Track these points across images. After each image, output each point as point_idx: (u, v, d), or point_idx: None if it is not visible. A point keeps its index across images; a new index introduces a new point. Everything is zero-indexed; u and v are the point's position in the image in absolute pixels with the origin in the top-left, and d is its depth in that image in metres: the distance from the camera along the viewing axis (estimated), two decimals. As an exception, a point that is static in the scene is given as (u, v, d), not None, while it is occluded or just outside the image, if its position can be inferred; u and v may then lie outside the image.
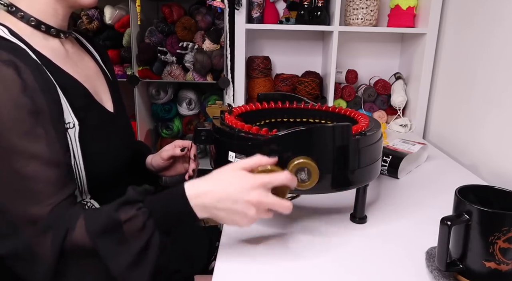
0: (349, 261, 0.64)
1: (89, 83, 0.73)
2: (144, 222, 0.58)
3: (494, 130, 1.05)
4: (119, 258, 0.57)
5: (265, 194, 0.59)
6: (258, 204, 0.58)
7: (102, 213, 0.60)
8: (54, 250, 0.56)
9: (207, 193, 0.59)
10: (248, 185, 0.58)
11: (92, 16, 1.58)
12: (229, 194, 0.58)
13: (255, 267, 0.62)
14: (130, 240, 0.57)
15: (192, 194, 0.59)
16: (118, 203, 0.59)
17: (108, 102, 0.79)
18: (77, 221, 0.58)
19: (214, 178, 0.61)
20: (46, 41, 0.69)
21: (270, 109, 0.90)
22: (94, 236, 0.57)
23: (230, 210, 0.59)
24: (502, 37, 1.04)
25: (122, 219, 0.57)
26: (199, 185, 0.60)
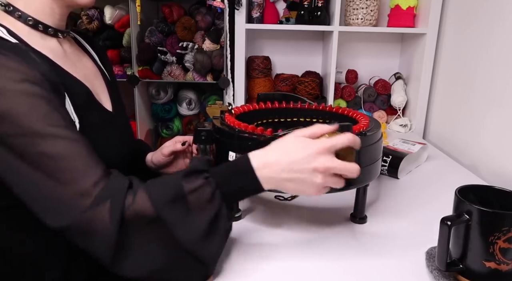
0: (349, 261, 0.64)
1: (88, 83, 0.73)
2: (212, 193, 0.57)
3: (494, 130, 1.05)
4: (190, 228, 0.55)
5: (331, 159, 0.57)
6: (325, 170, 0.57)
7: (167, 182, 0.58)
8: (115, 220, 0.54)
9: (273, 164, 0.58)
10: (312, 151, 0.57)
11: (92, 16, 1.58)
12: (295, 163, 0.57)
13: (255, 267, 0.62)
14: (198, 210, 0.56)
15: (259, 166, 0.58)
16: (184, 172, 0.58)
17: (107, 102, 0.79)
18: (138, 189, 0.57)
19: (278, 147, 0.60)
20: (44, 40, 0.69)
21: (270, 109, 0.90)
22: (161, 205, 0.55)
23: (297, 180, 0.58)
24: (502, 37, 1.04)
25: (189, 189, 0.56)
26: (265, 155, 0.59)
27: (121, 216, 0.54)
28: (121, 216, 0.54)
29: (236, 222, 0.75)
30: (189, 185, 0.56)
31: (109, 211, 0.54)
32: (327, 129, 0.60)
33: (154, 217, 0.55)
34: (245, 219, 0.77)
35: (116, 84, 0.86)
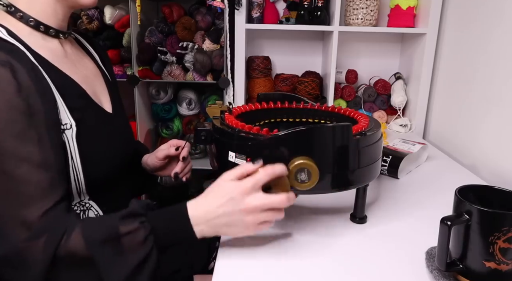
0: (349, 261, 0.64)
1: (87, 84, 0.73)
2: (145, 236, 0.58)
3: (494, 130, 1.05)
4: (116, 270, 0.56)
5: (255, 197, 0.59)
6: (252, 209, 0.59)
7: (103, 222, 0.59)
8: (46, 256, 0.55)
9: (205, 212, 0.60)
10: (236, 194, 0.59)
11: (92, 16, 1.58)
12: (222, 209, 0.59)
13: (255, 267, 0.62)
14: (129, 253, 0.57)
15: (193, 214, 0.60)
16: (121, 214, 0.59)
17: (107, 103, 0.79)
18: (74, 228, 0.57)
19: (209, 194, 0.62)
20: (45, 41, 0.68)
21: (270, 109, 0.90)
22: (93, 245, 0.56)
23: (230, 223, 0.60)
24: (502, 37, 1.04)
25: (123, 231, 0.57)
26: (199, 204, 0.61)
27: (54, 253, 0.56)
28: (54, 252, 0.56)
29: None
30: (124, 227, 0.58)
31: (43, 246, 0.56)
32: (251, 168, 0.61)
33: (85, 256, 0.56)
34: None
35: (116, 85, 0.86)
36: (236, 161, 0.66)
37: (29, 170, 0.57)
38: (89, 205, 0.71)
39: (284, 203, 0.60)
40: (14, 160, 0.56)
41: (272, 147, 0.64)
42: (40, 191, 0.58)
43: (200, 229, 0.60)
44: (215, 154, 0.74)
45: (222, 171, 0.72)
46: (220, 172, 0.74)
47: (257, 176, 0.60)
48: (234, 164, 0.67)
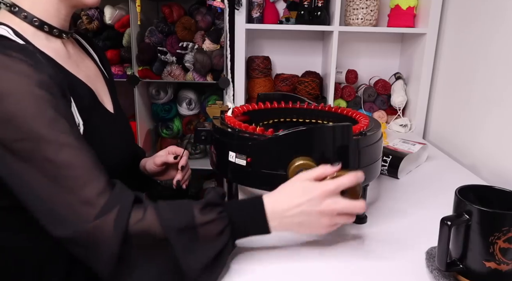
0: (349, 261, 0.64)
1: (91, 84, 0.73)
2: (223, 228, 0.58)
3: (494, 130, 1.05)
4: (195, 258, 0.55)
5: (335, 201, 0.60)
6: (330, 212, 0.60)
7: (180, 209, 0.58)
8: (118, 232, 0.53)
9: (282, 210, 0.60)
10: (316, 196, 0.59)
11: (92, 16, 1.58)
12: (301, 207, 0.59)
13: (255, 267, 0.62)
14: (206, 243, 0.56)
15: (269, 210, 0.60)
16: (200, 203, 0.58)
17: (109, 103, 0.79)
18: (147, 207, 0.56)
19: (286, 192, 0.62)
20: (48, 41, 0.68)
21: (270, 109, 0.90)
22: (171, 229, 0.55)
23: (305, 222, 0.60)
24: (502, 37, 1.04)
25: (201, 221, 0.57)
26: (277, 201, 0.61)
27: (126, 230, 0.54)
28: (126, 229, 0.54)
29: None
30: (203, 217, 0.57)
31: (114, 223, 0.54)
32: (330, 171, 0.61)
33: (162, 239, 0.55)
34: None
35: (114, 85, 0.86)
36: (236, 161, 0.67)
37: (70, 153, 0.55)
38: None
39: (360, 210, 0.61)
40: (55, 147, 0.55)
41: (272, 147, 0.64)
42: (89, 171, 0.56)
43: (275, 224, 0.60)
44: (215, 154, 0.74)
45: (222, 171, 0.72)
46: (220, 172, 0.74)
47: (340, 180, 0.60)
48: (234, 164, 0.67)
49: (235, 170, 0.68)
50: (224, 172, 0.72)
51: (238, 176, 0.69)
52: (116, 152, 0.76)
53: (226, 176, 0.72)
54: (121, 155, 0.78)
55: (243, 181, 0.71)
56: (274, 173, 0.63)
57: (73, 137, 0.57)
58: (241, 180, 0.71)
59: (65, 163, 0.55)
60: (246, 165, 0.66)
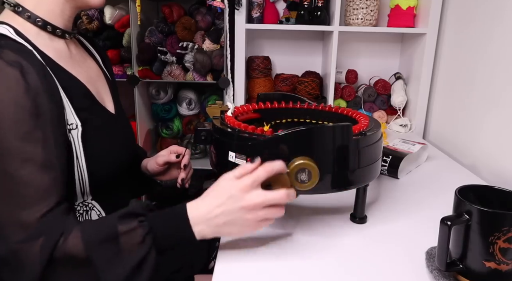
0: (349, 261, 0.64)
1: (91, 85, 0.73)
2: (144, 236, 0.57)
3: (494, 130, 1.05)
4: (115, 270, 0.56)
5: (254, 195, 0.58)
6: (253, 207, 0.58)
7: (102, 223, 0.59)
8: (43, 257, 0.55)
9: (205, 212, 0.59)
10: (235, 192, 0.58)
11: (92, 16, 1.58)
12: (222, 208, 0.59)
13: (255, 267, 0.62)
14: (127, 253, 0.56)
15: (193, 214, 0.59)
16: (120, 214, 0.59)
17: (110, 103, 0.79)
18: (72, 229, 0.57)
19: (209, 195, 0.61)
20: (51, 41, 0.68)
21: (270, 109, 0.90)
22: (91, 245, 0.56)
23: (230, 222, 0.59)
24: (502, 37, 1.04)
25: (122, 230, 0.57)
26: (199, 206, 0.60)
27: (50, 255, 0.55)
28: (51, 254, 0.55)
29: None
30: (123, 226, 0.57)
31: (40, 248, 0.55)
32: (250, 167, 0.60)
33: (83, 258, 0.56)
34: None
35: (116, 85, 0.86)
36: (236, 161, 0.67)
37: (31, 171, 0.57)
38: (92, 205, 0.71)
39: (284, 199, 0.59)
40: (18, 161, 0.56)
41: (272, 147, 0.64)
42: (40, 193, 0.57)
43: (200, 229, 0.59)
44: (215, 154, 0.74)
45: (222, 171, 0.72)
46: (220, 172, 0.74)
47: (256, 173, 0.59)
48: (234, 164, 0.67)
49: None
50: (224, 172, 0.71)
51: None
52: (116, 153, 0.76)
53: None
54: (122, 155, 0.78)
55: (243, 181, 0.71)
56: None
57: (42, 153, 0.57)
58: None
59: (21, 180, 0.56)
60: (246, 165, 0.66)
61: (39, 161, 0.57)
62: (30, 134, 0.57)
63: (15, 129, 0.55)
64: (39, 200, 0.57)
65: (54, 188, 0.59)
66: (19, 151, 0.56)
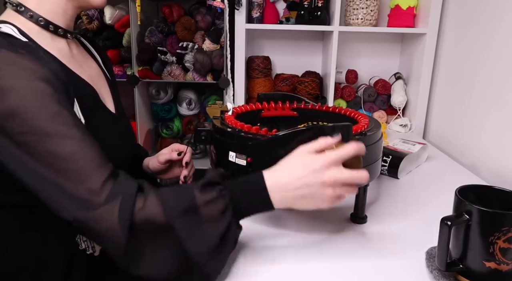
0: (349, 261, 0.64)
1: (93, 84, 0.74)
2: (226, 206, 0.57)
3: (494, 130, 1.05)
4: (198, 240, 0.55)
5: (337, 171, 0.58)
6: (333, 183, 0.58)
7: (181, 191, 0.58)
8: (122, 221, 0.54)
9: (283, 184, 0.59)
10: (318, 167, 0.58)
11: (92, 16, 1.58)
12: (303, 180, 0.58)
13: (255, 267, 0.62)
14: (209, 223, 0.56)
15: (271, 185, 0.59)
16: (199, 183, 0.58)
17: (110, 103, 0.79)
18: (149, 194, 0.56)
19: (286, 166, 0.60)
20: (53, 41, 0.69)
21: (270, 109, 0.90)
22: (173, 214, 0.55)
23: (308, 195, 0.59)
24: (502, 37, 1.04)
25: (202, 201, 0.56)
26: (276, 175, 0.60)
27: (130, 218, 0.54)
28: (130, 218, 0.54)
29: (236, 222, 0.75)
30: (203, 196, 0.56)
31: (118, 212, 0.54)
32: (330, 142, 0.60)
33: (165, 225, 0.55)
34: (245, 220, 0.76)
35: (116, 86, 0.86)
36: (236, 161, 0.67)
37: (72, 145, 0.56)
38: None
39: (363, 179, 0.59)
40: (58, 140, 0.55)
41: (272, 147, 0.64)
42: (92, 163, 0.57)
43: (278, 199, 0.59)
44: (215, 154, 0.74)
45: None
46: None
47: (341, 151, 0.59)
48: (234, 164, 0.67)
49: (235, 170, 0.68)
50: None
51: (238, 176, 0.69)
52: (117, 152, 0.76)
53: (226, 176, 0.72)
54: (122, 155, 0.78)
55: (243, 181, 0.70)
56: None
57: (75, 129, 0.57)
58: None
59: (68, 155, 0.55)
60: (246, 165, 0.66)
61: (76, 136, 0.57)
62: (59, 114, 0.56)
63: (43, 112, 0.55)
64: (94, 168, 0.56)
65: (103, 158, 0.59)
66: (54, 131, 0.55)
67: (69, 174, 0.55)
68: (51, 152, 0.55)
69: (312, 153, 0.60)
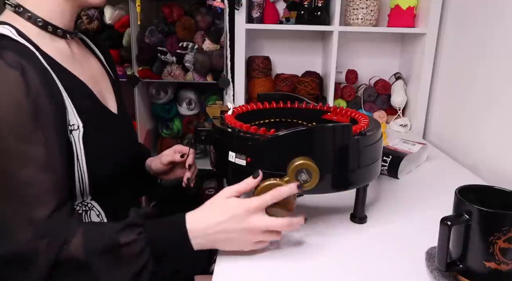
0: (349, 261, 0.64)
1: (94, 84, 0.73)
2: (143, 248, 0.58)
3: (494, 130, 1.05)
4: (114, 278, 0.57)
5: (257, 219, 0.60)
6: (252, 230, 0.60)
7: (103, 232, 0.60)
8: (49, 257, 0.56)
9: (205, 227, 0.60)
10: (238, 213, 0.59)
11: (92, 16, 1.58)
12: (222, 226, 0.60)
13: (255, 267, 0.62)
14: (126, 263, 0.57)
15: (192, 227, 0.60)
16: (120, 225, 0.59)
17: (112, 103, 0.79)
18: (75, 233, 0.58)
19: (210, 209, 0.62)
20: (53, 41, 0.68)
21: (270, 109, 0.90)
22: (91, 254, 0.57)
23: (230, 239, 0.61)
24: (502, 37, 1.04)
25: (122, 242, 0.57)
26: (197, 217, 0.61)
27: (56, 255, 0.56)
28: (56, 255, 0.56)
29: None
30: (123, 238, 0.58)
31: (46, 247, 0.56)
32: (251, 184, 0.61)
33: (84, 263, 0.56)
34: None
35: (119, 85, 0.86)
36: (236, 161, 0.67)
37: (34, 172, 0.57)
38: (91, 205, 0.71)
39: (285, 228, 0.61)
40: (19, 162, 0.56)
41: (272, 147, 0.64)
42: (45, 193, 0.58)
43: (198, 242, 0.60)
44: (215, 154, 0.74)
45: (222, 171, 0.72)
46: (220, 172, 0.74)
47: (263, 197, 0.60)
48: (234, 164, 0.67)
49: (235, 170, 0.68)
50: (224, 172, 0.72)
51: (238, 176, 0.69)
52: (118, 153, 0.76)
53: (226, 176, 0.72)
54: (123, 156, 0.78)
55: (243, 181, 0.71)
56: (274, 173, 0.63)
57: (43, 153, 0.58)
58: (241, 180, 0.70)
59: (24, 180, 0.56)
60: (246, 165, 0.66)
61: (41, 162, 0.58)
62: (31, 135, 0.57)
63: (15, 131, 0.56)
64: (44, 200, 0.58)
65: (57, 189, 0.60)
66: (20, 152, 0.56)
67: (19, 197, 0.56)
68: (10, 173, 0.56)
69: (234, 196, 0.61)
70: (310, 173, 0.61)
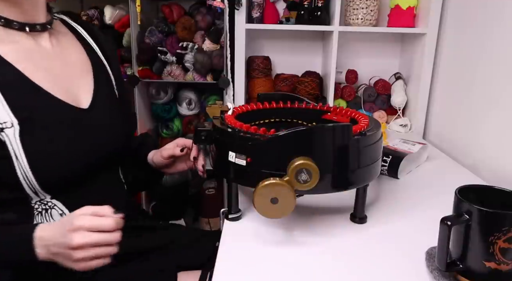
0: (349, 261, 0.64)
1: (57, 79, 0.70)
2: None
3: (494, 130, 1.05)
4: None
5: (82, 236, 0.59)
6: (77, 247, 0.59)
7: None
8: None
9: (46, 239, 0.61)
10: (66, 229, 0.60)
11: (92, 16, 1.58)
12: (55, 240, 0.61)
13: (255, 267, 0.62)
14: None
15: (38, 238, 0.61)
16: None
17: (84, 98, 0.75)
18: None
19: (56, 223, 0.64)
20: (7, 35, 0.66)
21: (270, 109, 0.90)
22: None
23: (60, 255, 0.61)
24: (502, 37, 1.04)
25: None
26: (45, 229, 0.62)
27: None
28: None
29: (236, 221, 0.75)
30: None
31: None
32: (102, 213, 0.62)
33: None
34: (244, 219, 0.77)
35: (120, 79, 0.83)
36: (236, 161, 0.67)
37: None
38: (52, 204, 0.70)
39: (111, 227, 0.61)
40: None
41: (272, 147, 0.64)
42: None
43: (42, 252, 0.61)
44: (215, 154, 0.74)
45: (222, 171, 0.72)
46: (220, 172, 0.74)
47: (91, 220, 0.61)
48: (234, 164, 0.67)
49: (235, 170, 0.68)
50: (224, 172, 0.72)
51: (238, 176, 0.69)
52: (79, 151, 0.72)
53: (226, 176, 0.72)
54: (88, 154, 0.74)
55: (243, 181, 0.71)
56: (274, 173, 0.63)
57: None
58: (241, 180, 0.71)
59: None
60: (246, 165, 0.66)
61: None
62: None
63: None
64: None
65: None
66: None
67: None
68: None
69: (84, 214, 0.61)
70: (310, 173, 0.61)
